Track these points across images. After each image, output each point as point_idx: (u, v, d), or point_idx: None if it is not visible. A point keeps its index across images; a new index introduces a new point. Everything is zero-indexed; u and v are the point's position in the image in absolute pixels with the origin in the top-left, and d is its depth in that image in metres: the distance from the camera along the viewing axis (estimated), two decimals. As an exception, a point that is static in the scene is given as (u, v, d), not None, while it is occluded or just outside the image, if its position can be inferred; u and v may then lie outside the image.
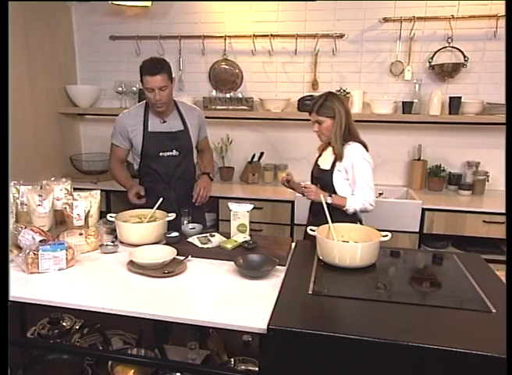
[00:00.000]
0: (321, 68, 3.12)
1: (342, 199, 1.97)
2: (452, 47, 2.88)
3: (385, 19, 2.95)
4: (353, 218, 1.99)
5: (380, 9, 2.95)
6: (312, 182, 2.15)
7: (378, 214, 2.66)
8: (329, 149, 2.10)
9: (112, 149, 2.34)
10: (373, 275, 1.51)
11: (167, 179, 2.26)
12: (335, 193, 2.00)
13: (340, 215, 1.90)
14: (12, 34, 2.80)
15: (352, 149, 2.01)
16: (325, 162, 2.10)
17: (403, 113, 2.94)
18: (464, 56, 2.86)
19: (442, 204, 2.68)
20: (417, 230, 2.68)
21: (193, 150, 2.35)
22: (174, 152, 2.25)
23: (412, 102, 2.92)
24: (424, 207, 2.66)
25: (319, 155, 2.20)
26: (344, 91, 2.98)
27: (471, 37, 2.86)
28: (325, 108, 1.99)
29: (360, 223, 2.04)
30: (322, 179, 2.08)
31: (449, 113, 2.88)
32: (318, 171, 2.13)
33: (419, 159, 3.05)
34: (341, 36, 3.04)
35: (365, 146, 2.06)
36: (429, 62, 2.93)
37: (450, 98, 2.87)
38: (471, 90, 2.92)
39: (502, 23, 2.77)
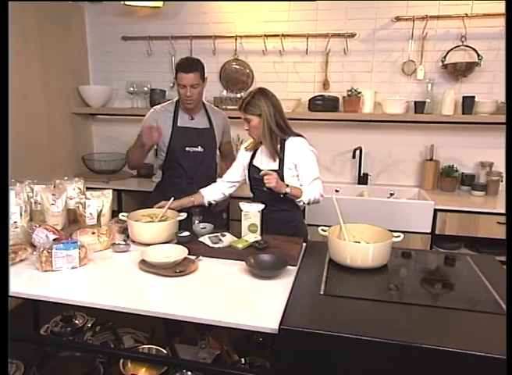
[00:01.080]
0: (333, 68, 3.11)
1: (298, 190, 1.94)
2: (465, 46, 2.85)
3: (398, 18, 2.92)
4: (297, 210, 1.98)
5: (392, 8, 2.93)
6: (252, 186, 2.08)
7: (390, 214, 2.65)
8: (265, 148, 2.02)
9: (138, 138, 2.32)
10: (385, 276, 1.50)
11: (190, 173, 2.31)
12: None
13: (283, 205, 1.94)
14: (26, 35, 2.84)
15: (295, 143, 2.00)
16: (267, 163, 2.01)
17: (416, 113, 2.92)
18: (478, 55, 2.82)
19: (454, 205, 2.65)
20: (429, 230, 2.66)
21: (217, 149, 2.45)
22: (199, 148, 2.33)
23: (424, 102, 2.89)
24: (437, 208, 2.63)
25: (252, 156, 2.08)
26: (355, 90, 2.97)
27: (485, 35, 2.82)
28: (251, 106, 1.93)
29: (303, 216, 1.99)
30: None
31: (463, 113, 2.84)
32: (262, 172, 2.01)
33: (431, 159, 3.02)
34: (352, 35, 3.03)
35: (305, 139, 2.04)
36: (442, 62, 2.90)
37: (464, 97, 2.83)
38: (485, 89, 2.88)
39: (517, 21, 2.73)
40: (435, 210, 2.63)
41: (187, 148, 2.32)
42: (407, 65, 2.96)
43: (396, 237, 1.57)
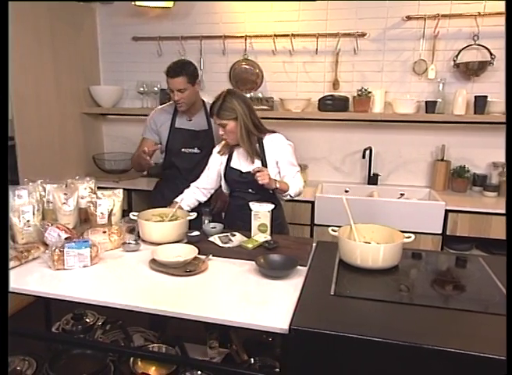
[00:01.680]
0: (343, 67, 3.09)
1: (285, 184, 1.94)
2: (478, 45, 2.81)
3: (409, 17, 2.90)
4: (279, 207, 1.99)
5: (403, 7, 2.91)
6: (232, 189, 2.07)
7: (400, 215, 2.63)
8: (241, 149, 2.00)
9: (141, 142, 2.42)
10: (395, 277, 1.49)
11: (186, 174, 2.32)
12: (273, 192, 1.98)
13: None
14: (39, 35, 2.88)
15: (273, 140, 2.00)
16: (246, 164, 1.99)
17: (427, 113, 2.89)
18: (491, 54, 2.79)
19: (466, 205, 2.62)
20: (440, 231, 2.63)
21: None
22: (196, 150, 2.35)
23: (436, 102, 2.86)
24: (448, 208, 2.60)
25: (229, 158, 2.06)
26: (366, 90, 2.95)
27: (498, 34, 2.78)
28: (225, 111, 1.88)
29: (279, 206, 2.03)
30: (254, 181, 1.88)
31: (475, 113, 2.81)
32: (244, 175, 1.99)
33: (442, 160, 2.99)
34: (363, 35, 3.01)
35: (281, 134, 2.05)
36: (454, 61, 2.87)
37: (476, 97, 2.80)
38: (498, 89, 2.84)
39: (530, 19, 2.69)
40: (446, 211, 2.60)
41: (183, 150, 2.34)
42: (418, 64, 2.94)
43: (407, 237, 1.55)
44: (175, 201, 2.06)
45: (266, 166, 1.97)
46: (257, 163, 1.98)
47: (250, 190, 2.00)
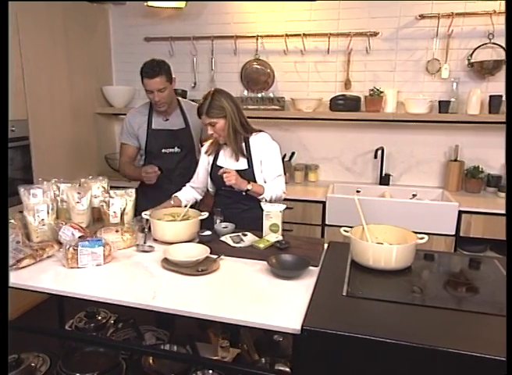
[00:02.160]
0: (354, 67, 3.08)
1: (260, 187, 1.93)
2: (493, 43, 2.77)
3: (422, 16, 2.87)
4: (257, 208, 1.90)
5: (416, 6, 2.88)
6: (217, 187, 2.06)
7: (412, 216, 2.60)
8: (229, 148, 2.01)
9: (122, 149, 2.43)
10: (408, 278, 1.48)
11: (169, 174, 2.31)
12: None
13: (253, 203, 1.92)
14: (53, 36, 2.92)
15: (259, 139, 1.99)
16: (232, 162, 2.00)
17: (440, 113, 2.86)
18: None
19: (480, 206, 2.59)
20: (454, 233, 2.60)
21: (196, 148, 2.43)
22: (176, 149, 2.35)
23: (449, 101, 2.83)
24: (461, 209, 2.57)
25: (216, 156, 2.07)
26: (378, 90, 2.93)
27: (513, 32, 2.74)
28: (214, 109, 1.88)
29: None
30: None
31: (489, 112, 2.77)
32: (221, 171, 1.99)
33: (456, 160, 2.96)
34: (375, 34, 2.99)
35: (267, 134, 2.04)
36: (468, 60, 2.83)
37: (490, 96, 2.76)
38: (513, 88, 2.80)
39: (547, 17, 2.64)
40: (460, 212, 2.57)
41: (163, 150, 2.33)
42: (432, 63, 2.91)
43: (420, 238, 1.54)
44: (174, 195, 2.10)
45: (252, 166, 1.99)
46: (243, 162, 1.99)
47: (223, 187, 2.00)
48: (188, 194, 2.13)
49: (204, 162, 2.11)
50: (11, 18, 2.56)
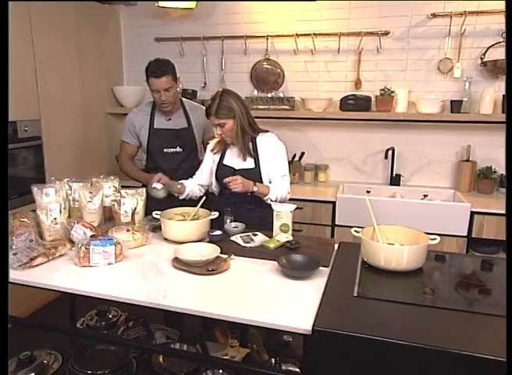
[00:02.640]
0: (365, 66, 3.06)
1: (265, 188, 1.94)
2: (506, 42, 2.74)
3: (434, 15, 2.84)
4: (267, 208, 1.89)
5: (428, 5, 2.85)
6: (223, 187, 2.06)
7: (423, 216, 2.58)
8: (236, 148, 2.02)
9: (123, 146, 2.45)
10: (419, 279, 1.46)
11: (171, 174, 2.27)
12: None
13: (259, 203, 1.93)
14: (66, 37, 2.95)
15: (266, 139, 1.99)
16: (240, 162, 2.01)
17: (452, 112, 2.83)
18: (520, 52, 2.71)
19: (492, 207, 2.56)
20: (466, 234, 2.57)
21: (198, 148, 2.43)
22: (178, 149, 2.35)
23: (461, 101, 2.80)
24: (473, 210, 2.54)
25: (222, 155, 2.08)
26: (389, 89, 2.91)
27: (527, 31, 2.70)
28: (223, 110, 1.89)
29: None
30: (247, 179, 1.94)
31: (502, 112, 2.74)
32: (237, 172, 1.99)
33: (468, 160, 2.92)
34: (386, 33, 2.97)
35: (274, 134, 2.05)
36: (481, 59, 2.80)
37: (504, 95, 2.72)
38: (527, 87, 2.76)
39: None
40: (472, 213, 2.54)
41: (165, 150, 2.33)
42: (444, 63, 2.88)
43: (432, 239, 1.52)
44: (180, 181, 2.11)
45: (258, 165, 2.00)
46: (250, 161, 2.00)
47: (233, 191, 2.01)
48: (194, 186, 2.15)
49: (210, 159, 2.12)
50: (25, 19, 2.59)
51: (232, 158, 2.05)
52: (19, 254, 1.55)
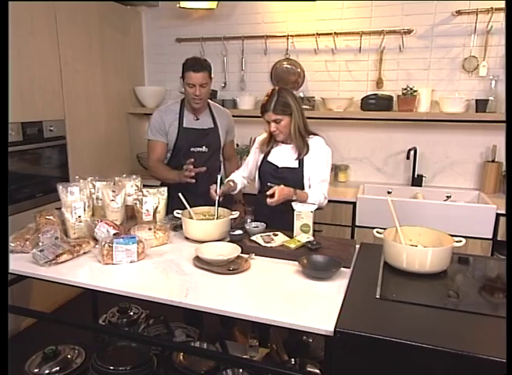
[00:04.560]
0: (387, 66, 3.02)
1: (304, 194, 1.90)
2: (534, 39, 2.66)
3: (459, 12, 2.78)
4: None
5: (453, 2, 2.79)
6: (264, 181, 2.06)
7: (446, 218, 2.53)
8: (283, 146, 2.02)
9: (151, 146, 2.39)
10: (443, 282, 1.44)
11: (196, 173, 2.26)
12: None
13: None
14: (90, 40, 3.00)
15: (316, 143, 1.99)
16: (285, 160, 2.01)
17: (477, 112, 2.77)
18: (549, 49, 2.63)
19: (519, 209, 2.48)
20: (491, 236, 2.51)
21: (221, 148, 2.48)
22: (204, 148, 2.37)
23: (487, 100, 2.73)
24: (499, 212, 2.48)
25: (268, 152, 2.07)
26: (411, 89, 2.86)
27: (557, 28, 2.61)
28: (281, 106, 1.89)
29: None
30: (288, 178, 1.97)
31: (530, 111, 2.66)
32: (280, 170, 2.01)
33: (493, 161, 2.85)
34: (409, 31, 2.92)
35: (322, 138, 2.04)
36: (508, 57, 2.73)
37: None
38: (556, 86, 2.67)
39: None
40: (498, 215, 2.48)
41: (192, 149, 2.34)
42: (469, 61, 2.82)
43: (457, 241, 1.49)
44: (228, 179, 2.16)
45: (302, 166, 1.99)
46: (295, 161, 2.00)
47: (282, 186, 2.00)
48: (240, 178, 2.19)
49: (256, 154, 2.15)
50: (51, 20, 2.65)
51: (278, 157, 2.05)
52: (46, 251, 1.59)
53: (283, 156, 2.03)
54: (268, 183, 2.04)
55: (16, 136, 2.46)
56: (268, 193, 1.84)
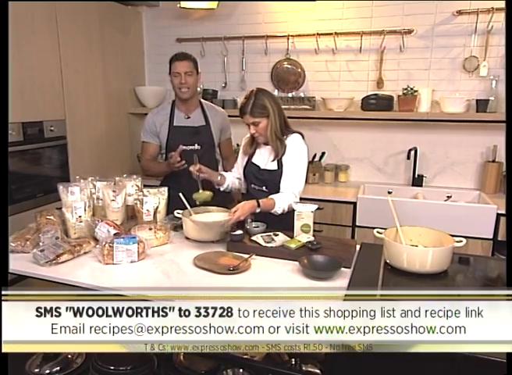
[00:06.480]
0: (387, 65, 3.02)
1: (269, 203, 1.86)
2: (535, 39, 2.66)
3: (460, 12, 2.78)
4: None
5: (453, 2, 2.79)
6: (249, 186, 2.08)
7: (446, 218, 2.53)
8: (266, 147, 2.02)
9: (144, 147, 2.49)
10: (444, 282, 1.43)
11: (189, 171, 2.25)
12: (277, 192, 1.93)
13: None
14: (91, 40, 3.00)
15: (293, 141, 1.97)
16: (266, 161, 2.01)
17: (477, 112, 2.76)
18: (550, 49, 2.62)
19: (520, 209, 2.48)
20: (491, 236, 2.51)
21: (215, 146, 2.49)
22: (196, 146, 2.38)
23: (488, 100, 2.73)
24: (500, 212, 2.47)
25: (253, 153, 2.08)
26: (411, 89, 2.86)
27: (558, 28, 2.61)
28: (258, 109, 1.88)
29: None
30: (268, 180, 1.98)
31: (531, 111, 2.66)
32: (261, 172, 2.02)
33: (494, 161, 2.85)
34: (409, 32, 2.92)
35: (302, 136, 2.00)
36: (508, 57, 2.72)
37: (532, 95, 2.64)
38: (557, 86, 2.67)
39: None
40: (498, 215, 2.48)
41: (184, 147, 2.32)
42: (469, 61, 2.81)
43: (457, 242, 1.49)
44: (221, 173, 2.19)
45: (281, 167, 1.97)
46: (274, 163, 1.98)
47: (263, 188, 2.01)
48: (233, 178, 2.19)
49: (243, 155, 2.16)
50: (52, 21, 2.65)
51: (261, 157, 2.05)
52: (46, 251, 1.59)
53: (265, 157, 2.03)
54: (252, 185, 2.06)
55: (16, 136, 2.46)
56: (232, 210, 1.80)
